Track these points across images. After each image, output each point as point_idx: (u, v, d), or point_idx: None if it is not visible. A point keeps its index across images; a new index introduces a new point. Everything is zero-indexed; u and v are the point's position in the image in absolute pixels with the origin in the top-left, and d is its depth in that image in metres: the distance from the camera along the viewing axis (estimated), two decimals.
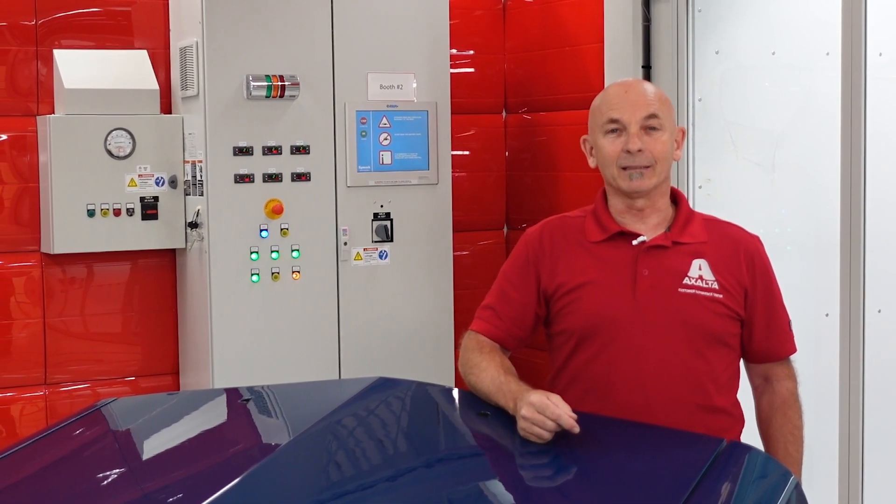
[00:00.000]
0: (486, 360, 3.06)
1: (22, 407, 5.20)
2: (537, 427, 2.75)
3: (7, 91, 5.14)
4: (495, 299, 3.19)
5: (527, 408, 2.78)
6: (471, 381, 3.07)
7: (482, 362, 3.06)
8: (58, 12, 5.21)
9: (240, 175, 5.00)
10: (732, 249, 3.10)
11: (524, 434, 2.78)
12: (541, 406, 2.76)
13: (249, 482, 2.49)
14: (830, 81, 4.35)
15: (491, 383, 2.99)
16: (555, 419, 2.74)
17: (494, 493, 2.58)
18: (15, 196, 5.15)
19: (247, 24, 4.99)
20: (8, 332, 5.17)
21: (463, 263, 5.82)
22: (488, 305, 3.20)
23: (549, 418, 2.74)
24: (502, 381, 2.96)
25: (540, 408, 2.76)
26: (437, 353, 5.37)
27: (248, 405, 3.22)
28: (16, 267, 5.17)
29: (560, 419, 2.74)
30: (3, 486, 2.61)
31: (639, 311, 3.01)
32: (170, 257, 5.39)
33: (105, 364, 5.34)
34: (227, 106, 4.97)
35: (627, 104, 3.05)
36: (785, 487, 2.54)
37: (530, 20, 5.85)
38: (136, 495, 2.57)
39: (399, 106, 5.26)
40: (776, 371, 3.16)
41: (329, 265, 5.17)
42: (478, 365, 3.06)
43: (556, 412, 2.74)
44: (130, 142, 5.09)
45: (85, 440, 2.96)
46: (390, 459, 2.76)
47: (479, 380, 3.03)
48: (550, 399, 2.77)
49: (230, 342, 5.04)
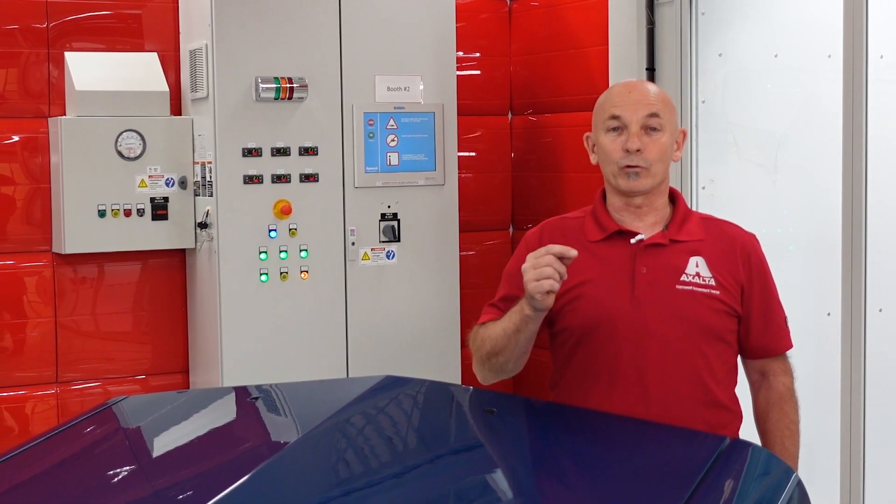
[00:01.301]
0: (492, 324, 3.12)
1: (34, 405, 5.20)
2: (539, 268, 2.83)
3: (19, 93, 5.15)
4: (499, 299, 3.21)
5: (526, 262, 2.88)
6: (486, 349, 3.10)
7: (490, 328, 3.12)
8: (69, 15, 5.21)
9: (249, 176, 5.01)
10: (729, 247, 3.12)
11: (534, 286, 2.84)
12: (532, 254, 2.88)
13: (258, 479, 2.49)
14: (832, 83, 4.34)
15: (501, 322, 3.06)
16: (546, 251, 2.83)
17: (499, 489, 2.58)
18: (27, 197, 5.16)
19: (256, 27, 4.99)
20: (20, 332, 5.17)
21: (469, 263, 5.82)
22: (493, 304, 3.23)
23: (543, 254, 2.84)
24: (509, 312, 3.04)
25: (534, 254, 2.87)
26: (443, 351, 5.37)
27: (256, 403, 3.23)
28: (28, 267, 5.18)
29: (551, 249, 2.84)
30: (15, 483, 2.62)
31: (638, 308, 3.04)
32: (180, 257, 5.39)
33: (116, 363, 5.34)
34: (236, 108, 4.98)
35: (630, 103, 3.08)
36: (787, 484, 2.55)
37: (535, 23, 5.83)
38: (147, 492, 2.57)
39: (406, 108, 5.26)
40: (773, 367, 3.18)
41: (337, 265, 5.17)
42: (486, 333, 3.12)
43: (547, 246, 2.86)
44: (141, 143, 5.09)
45: (95, 438, 2.96)
46: (398, 457, 2.77)
47: (493, 334, 3.08)
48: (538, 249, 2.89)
49: (239, 341, 5.04)
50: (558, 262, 2.83)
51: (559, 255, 2.83)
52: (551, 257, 2.83)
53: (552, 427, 2.99)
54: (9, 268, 5.15)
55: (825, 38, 4.52)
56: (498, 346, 3.06)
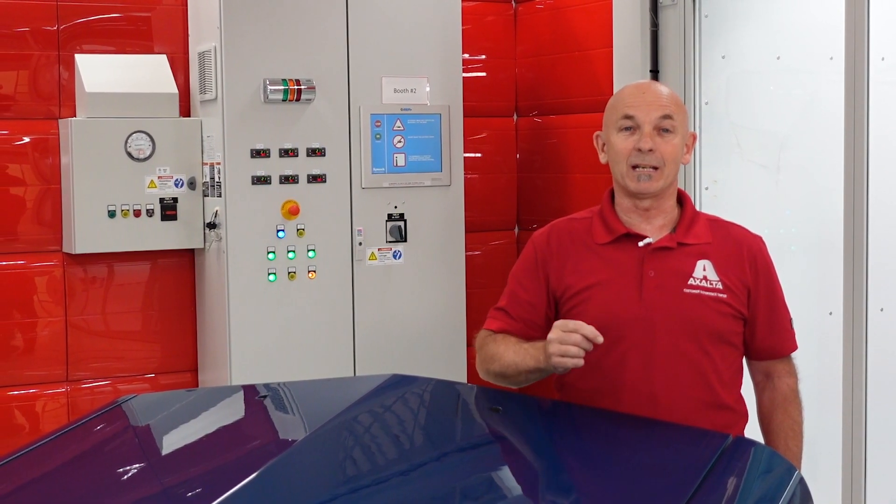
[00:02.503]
0: (504, 344, 3.13)
1: (44, 403, 5.22)
2: (566, 344, 2.86)
3: (30, 95, 5.16)
4: (507, 301, 3.22)
5: (553, 331, 2.89)
6: (493, 369, 3.13)
7: (500, 347, 3.13)
8: (79, 18, 5.22)
9: (257, 177, 5.02)
10: (736, 250, 3.11)
11: (558, 361, 2.88)
12: (562, 324, 2.88)
13: (266, 477, 2.49)
14: (834, 85, 4.34)
15: (515, 354, 3.07)
16: (576, 329, 2.85)
17: (504, 486, 2.59)
18: (37, 197, 5.17)
19: (264, 30, 5.01)
20: (31, 331, 5.19)
21: (475, 263, 5.84)
22: (500, 307, 3.22)
23: (572, 331, 2.86)
24: (525, 346, 3.05)
25: (562, 326, 2.88)
26: (450, 350, 5.38)
27: (265, 402, 3.24)
28: (38, 267, 5.19)
29: (581, 328, 2.85)
30: (26, 481, 2.63)
31: (645, 312, 3.03)
32: (189, 257, 5.40)
33: (125, 361, 5.36)
34: (244, 109, 4.99)
35: (643, 104, 3.08)
36: (790, 482, 2.56)
37: (541, 26, 5.84)
38: (156, 490, 2.57)
39: (413, 109, 5.28)
40: (777, 368, 3.18)
41: (344, 265, 5.19)
42: (497, 351, 3.13)
43: (577, 324, 2.86)
44: (150, 144, 5.11)
45: (105, 436, 2.97)
46: (405, 454, 2.78)
47: (504, 361, 3.10)
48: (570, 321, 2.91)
49: (247, 340, 5.05)
50: (585, 342, 2.86)
51: (588, 337, 2.86)
52: (579, 337, 2.85)
53: (557, 425, 3.01)
54: (20, 268, 5.17)
55: (827, 40, 4.52)
56: (507, 372, 3.10)
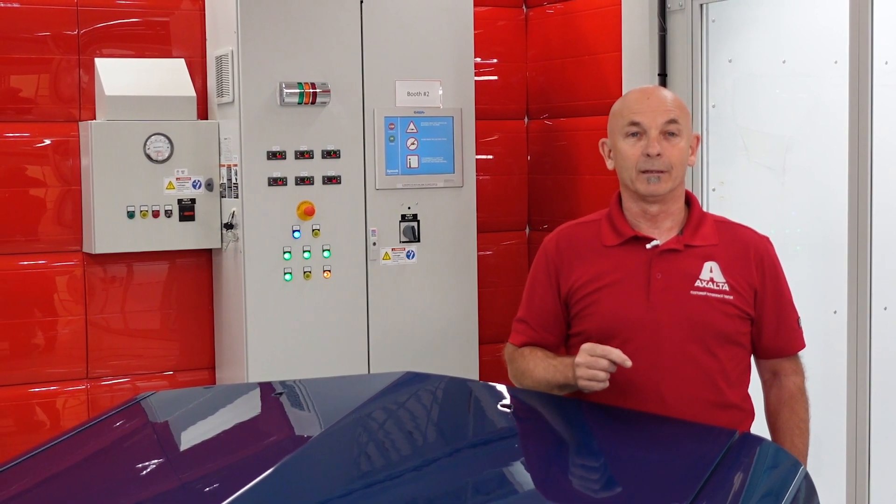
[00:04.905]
0: (533, 360, 3.17)
1: (65, 400, 5.27)
2: (593, 369, 2.91)
3: (51, 98, 5.21)
4: (525, 311, 3.25)
5: (580, 355, 2.94)
6: (527, 384, 3.18)
7: (530, 363, 3.17)
8: (99, 22, 5.27)
9: (273, 178, 5.07)
10: (742, 251, 3.11)
11: (584, 384, 2.93)
12: (590, 349, 2.94)
13: (283, 472, 2.50)
14: (838, 89, 4.36)
15: (545, 371, 3.11)
16: (604, 355, 2.90)
17: (514, 481, 2.61)
18: (58, 198, 5.22)
19: (280, 34, 5.04)
20: (52, 329, 5.23)
21: (487, 263, 5.86)
22: (521, 318, 3.25)
23: (600, 356, 2.91)
24: (554, 363, 3.10)
25: (590, 350, 2.93)
26: (462, 348, 5.41)
27: (281, 399, 3.24)
28: (59, 266, 5.24)
29: (609, 354, 2.90)
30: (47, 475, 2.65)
31: (653, 313, 3.04)
32: (206, 257, 5.44)
33: (144, 359, 5.40)
34: (261, 112, 5.03)
35: (649, 109, 3.08)
36: (795, 477, 2.57)
37: (551, 30, 5.85)
38: (174, 484, 2.59)
39: (426, 112, 5.31)
40: (784, 366, 3.18)
41: (359, 264, 5.23)
42: (527, 367, 3.18)
43: (605, 349, 2.92)
44: (168, 146, 5.15)
45: (125, 432, 2.98)
46: (418, 450, 2.80)
47: (535, 376, 3.14)
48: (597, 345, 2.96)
49: (264, 338, 5.09)
50: (612, 366, 2.91)
51: (616, 362, 2.92)
52: (606, 362, 2.91)
53: (567, 422, 3.02)
54: (41, 267, 5.21)
55: (831, 44, 4.55)
56: (540, 388, 3.14)
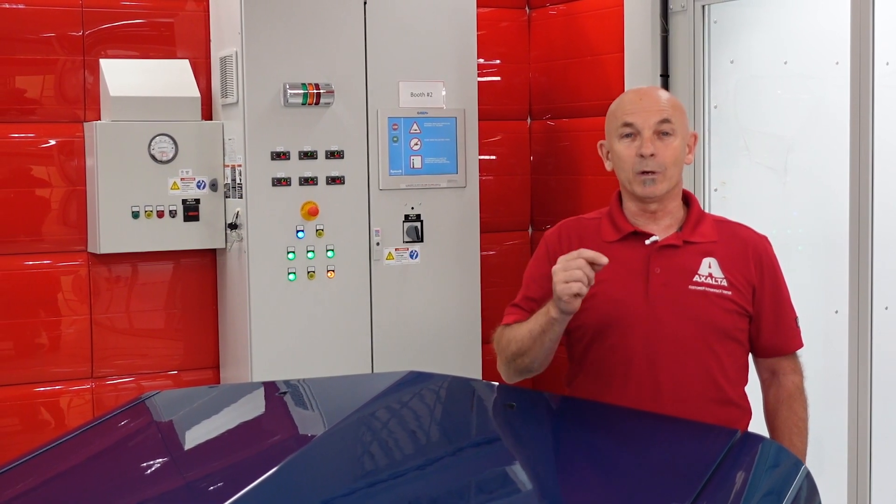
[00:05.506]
0: (516, 327, 3.15)
1: (70, 399, 5.27)
2: (569, 270, 2.86)
3: (56, 98, 5.21)
4: (521, 299, 3.25)
5: (555, 266, 2.91)
6: (512, 349, 3.13)
7: (513, 331, 3.16)
8: (104, 23, 5.26)
9: (277, 178, 5.07)
10: (741, 248, 3.14)
11: (563, 290, 2.85)
12: (563, 257, 2.91)
13: (287, 471, 2.52)
14: (839, 90, 4.38)
15: (528, 323, 3.09)
16: (577, 256, 2.87)
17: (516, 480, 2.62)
18: (63, 198, 5.22)
19: (284, 35, 5.05)
20: (57, 329, 5.24)
21: (490, 263, 5.86)
22: (515, 304, 3.25)
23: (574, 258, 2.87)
24: (537, 313, 3.07)
25: (563, 258, 2.90)
26: (465, 347, 5.42)
27: (284, 398, 3.26)
28: (64, 266, 5.24)
29: (581, 253, 2.87)
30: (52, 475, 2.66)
31: (651, 308, 3.07)
32: (210, 257, 5.44)
33: (149, 359, 5.40)
34: (265, 113, 5.04)
35: (641, 110, 3.11)
36: (796, 476, 2.58)
37: (554, 31, 5.86)
38: (178, 483, 2.61)
39: (429, 113, 5.32)
40: (783, 365, 3.20)
41: (362, 264, 5.24)
42: (513, 334, 3.15)
43: (577, 251, 2.89)
44: (173, 147, 5.16)
45: (129, 431, 3.00)
46: (421, 449, 2.81)
47: (517, 337, 3.11)
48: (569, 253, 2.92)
49: (268, 338, 5.10)
50: (588, 267, 2.85)
51: (590, 261, 2.87)
52: (582, 261, 2.85)
53: (569, 421, 3.04)
54: (46, 267, 5.22)
55: (833, 45, 4.56)
56: (524, 347, 3.10)
